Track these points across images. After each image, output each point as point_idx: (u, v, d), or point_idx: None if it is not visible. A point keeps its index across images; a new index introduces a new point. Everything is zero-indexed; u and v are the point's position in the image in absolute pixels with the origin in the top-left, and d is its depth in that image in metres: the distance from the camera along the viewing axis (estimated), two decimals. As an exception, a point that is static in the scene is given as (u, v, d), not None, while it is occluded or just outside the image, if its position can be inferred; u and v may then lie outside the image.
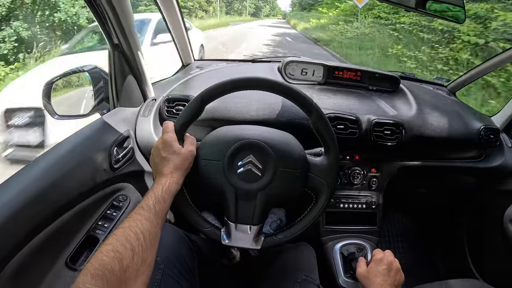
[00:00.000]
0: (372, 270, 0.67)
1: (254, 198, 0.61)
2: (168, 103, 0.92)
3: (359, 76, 1.05)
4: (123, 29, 0.82)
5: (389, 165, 1.01)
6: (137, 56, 0.89)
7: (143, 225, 0.49)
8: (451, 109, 1.04)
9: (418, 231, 1.43)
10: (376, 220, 1.00)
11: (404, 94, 1.05)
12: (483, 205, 1.20)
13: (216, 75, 1.06)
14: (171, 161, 0.58)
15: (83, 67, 0.94)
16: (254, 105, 0.89)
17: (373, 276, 0.65)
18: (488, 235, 1.17)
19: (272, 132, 0.67)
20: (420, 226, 1.44)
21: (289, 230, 0.65)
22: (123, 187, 0.86)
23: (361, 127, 0.90)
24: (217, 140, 0.64)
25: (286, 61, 1.02)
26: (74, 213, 0.69)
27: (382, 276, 0.65)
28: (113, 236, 0.46)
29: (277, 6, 76.98)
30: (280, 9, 79.60)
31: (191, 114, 0.62)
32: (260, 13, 62.40)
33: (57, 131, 2.35)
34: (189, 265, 0.73)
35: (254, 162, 0.61)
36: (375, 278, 0.65)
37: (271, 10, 69.45)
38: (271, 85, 0.63)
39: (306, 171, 0.64)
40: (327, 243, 0.96)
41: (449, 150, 1.05)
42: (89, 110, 0.93)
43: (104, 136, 0.81)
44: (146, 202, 0.52)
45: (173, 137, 0.60)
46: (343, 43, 9.30)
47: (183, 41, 1.16)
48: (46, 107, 0.88)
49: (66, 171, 0.67)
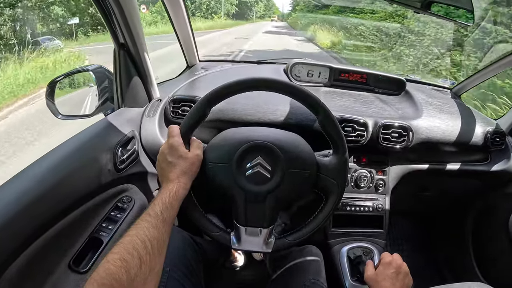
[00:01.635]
0: (380, 273, 0.66)
1: (263, 200, 0.60)
2: (173, 103, 0.91)
3: (365, 78, 1.05)
4: (129, 29, 0.81)
5: (395, 168, 1.00)
6: (143, 55, 0.88)
7: (151, 232, 0.47)
8: (457, 112, 1.04)
9: (423, 233, 1.43)
10: (382, 223, 1.00)
11: (410, 97, 1.05)
12: (489, 208, 1.19)
13: (222, 76, 1.05)
14: (177, 166, 0.57)
15: (88, 67, 0.94)
16: (262, 106, 0.88)
17: (382, 280, 0.64)
18: (493, 238, 1.16)
19: (280, 133, 0.66)
20: (425, 228, 1.44)
21: (300, 232, 0.63)
22: (128, 188, 0.85)
23: (369, 129, 0.90)
24: (225, 143, 0.63)
25: (292, 62, 1.01)
26: (78, 214, 0.67)
27: (390, 280, 0.64)
28: (120, 244, 0.45)
29: (273, 5, 58.72)
30: (278, 8, 62.12)
31: (197, 117, 0.61)
32: (250, 14, 45.97)
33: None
34: (194, 267, 0.72)
35: (263, 164, 0.60)
36: (384, 281, 0.64)
37: (266, 9, 53.11)
38: (276, 86, 0.62)
39: (315, 171, 0.63)
40: (334, 246, 0.95)
41: (454, 153, 1.04)
42: (93, 110, 0.92)
43: (109, 136, 0.80)
44: (153, 209, 0.51)
45: (179, 141, 0.59)
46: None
47: (189, 42, 1.16)
48: (49, 106, 0.87)
49: (71, 172, 0.66)
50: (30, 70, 6.24)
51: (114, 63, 0.88)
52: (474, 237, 1.24)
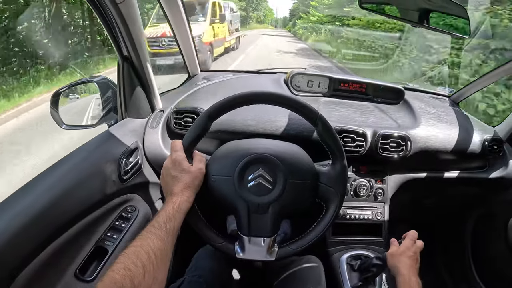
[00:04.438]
0: (403, 252, 0.72)
1: (266, 210, 0.62)
2: (176, 114, 0.92)
3: (364, 88, 1.06)
4: (133, 41, 0.83)
5: (394, 177, 1.01)
6: (146, 67, 0.90)
7: (154, 243, 0.49)
8: (455, 120, 1.05)
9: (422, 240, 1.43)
10: (382, 231, 1.01)
11: (409, 106, 1.06)
12: (487, 215, 1.20)
13: (223, 87, 1.07)
14: (181, 180, 0.59)
15: (92, 78, 0.96)
16: (262, 118, 0.90)
17: (403, 257, 0.71)
18: (492, 244, 1.17)
19: (279, 144, 0.68)
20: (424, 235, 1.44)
21: (302, 240, 0.65)
22: (131, 198, 0.87)
23: (368, 140, 0.91)
24: (226, 156, 0.65)
25: (292, 73, 1.03)
26: (83, 224, 0.69)
27: (409, 260, 0.70)
28: (124, 255, 0.46)
29: (267, 12, 43.84)
30: (273, 13, 47.55)
31: (199, 131, 0.63)
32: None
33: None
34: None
35: (264, 175, 0.62)
36: (405, 258, 0.70)
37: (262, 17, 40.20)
38: (276, 99, 0.64)
39: (315, 181, 0.64)
40: (334, 254, 0.96)
41: (453, 161, 1.06)
42: (97, 120, 0.94)
43: (114, 147, 0.81)
44: (157, 220, 0.53)
45: (182, 155, 0.61)
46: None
47: (191, 52, 1.17)
48: (53, 116, 0.89)
49: (77, 182, 0.68)
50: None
51: (118, 75, 0.90)
52: (473, 243, 1.25)
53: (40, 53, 5.71)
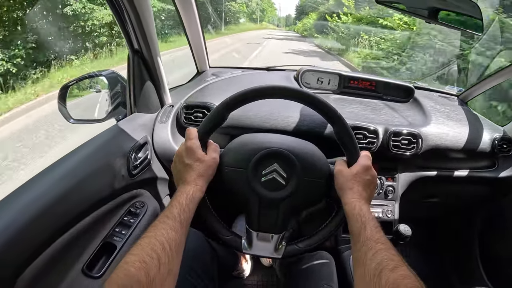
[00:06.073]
0: (356, 176, 0.57)
1: (277, 207, 0.61)
2: (186, 109, 0.91)
3: (374, 85, 1.06)
4: (144, 35, 0.82)
5: (404, 175, 1.01)
6: (157, 61, 0.89)
7: (169, 234, 0.47)
8: (464, 119, 1.05)
9: (431, 238, 1.43)
10: (391, 229, 1.00)
11: (419, 104, 1.06)
12: (496, 214, 1.20)
13: (233, 83, 1.06)
14: (195, 168, 0.57)
15: (101, 72, 0.94)
16: (274, 113, 0.89)
17: (356, 182, 0.57)
18: (500, 244, 1.17)
19: (296, 141, 0.66)
20: (432, 234, 1.44)
21: (311, 239, 0.64)
22: (140, 194, 0.85)
23: (379, 137, 0.91)
24: (242, 148, 0.63)
25: (302, 70, 1.02)
26: (91, 219, 0.67)
27: (362, 186, 0.57)
28: (139, 246, 0.45)
29: (270, 12, 38.15)
30: (275, 8, 41.51)
31: (215, 121, 0.61)
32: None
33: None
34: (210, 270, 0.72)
35: (279, 170, 0.61)
36: (357, 185, 0.56)
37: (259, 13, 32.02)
38: (297, 95, 0.62)
39: (330, 181, 0.63)
40: (344, 252, 0.95)
41: (462, 160, 1.05)
42: (105, 115, 0.92)
43: (123, 141, 0.80)
44: (170, 211, 0.51)
45: (197, 144, 0.59)
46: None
47: (200, 48, 1.16)
48: (61, 110, 0.88)
49: (86, 176, 0.66)
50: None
51: (128, 68, 0.89)
52: (481, 243, 1.24)
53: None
